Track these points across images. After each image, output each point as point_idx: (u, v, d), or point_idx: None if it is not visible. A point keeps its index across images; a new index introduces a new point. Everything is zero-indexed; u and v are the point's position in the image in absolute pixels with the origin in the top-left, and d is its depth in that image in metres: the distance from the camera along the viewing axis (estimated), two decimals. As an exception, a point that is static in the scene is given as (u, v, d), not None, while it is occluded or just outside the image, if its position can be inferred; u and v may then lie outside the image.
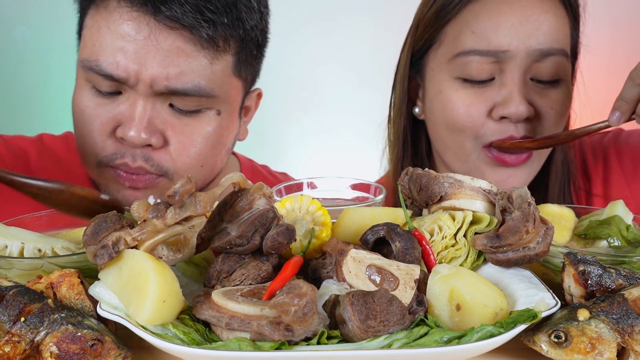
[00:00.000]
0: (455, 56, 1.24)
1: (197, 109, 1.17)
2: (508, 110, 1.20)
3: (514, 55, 1.19)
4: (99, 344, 0.63)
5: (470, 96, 1.23)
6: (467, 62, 1.22)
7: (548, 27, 1.20)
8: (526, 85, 1.22)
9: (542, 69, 1.21)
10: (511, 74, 1.20)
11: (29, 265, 0.78)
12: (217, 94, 1.18)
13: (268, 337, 0.63)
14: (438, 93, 1.28)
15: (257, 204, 0.74)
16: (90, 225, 0.71)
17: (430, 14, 1.29)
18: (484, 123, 1.24)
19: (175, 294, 0.67)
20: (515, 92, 1.20)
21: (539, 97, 1.23)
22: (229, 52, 1.18)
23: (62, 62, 2.62)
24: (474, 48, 1.21)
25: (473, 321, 0.67)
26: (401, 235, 0.76)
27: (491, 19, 1.21)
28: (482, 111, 1.23)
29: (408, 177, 0.87)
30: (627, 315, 0.66)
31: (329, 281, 0.72)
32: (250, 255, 0.74)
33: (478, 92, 1.23)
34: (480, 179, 0.85)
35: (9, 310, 0.64)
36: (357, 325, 0.64)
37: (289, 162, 2.89)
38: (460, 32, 1.24)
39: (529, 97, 1.22)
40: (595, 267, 0.71)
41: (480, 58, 1.21)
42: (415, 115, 1.39)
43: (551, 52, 1.21)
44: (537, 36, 1.19)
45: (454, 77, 1.25)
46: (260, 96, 1.40)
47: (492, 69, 1.21)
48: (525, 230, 0.74)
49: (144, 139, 1.13)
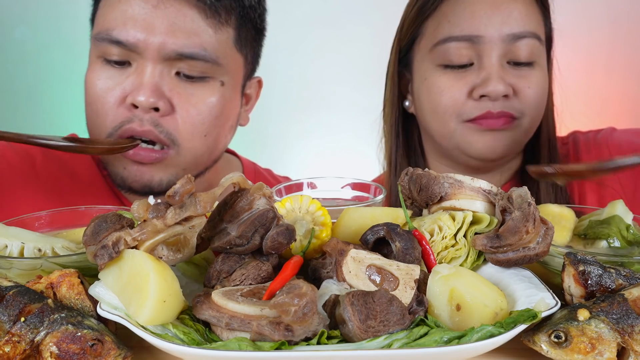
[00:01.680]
0: (435, 45, 1.33)
1: (203, 75, 1.23)
2: (487, 89, 1.28)
3: (488, 40, 1.29)
4: (99, 344, 0.63)
5: (452, 79, 1.33)
6: (446, 49, 1.32)
7: (518, 13, 1.30)
8: (503, 68, 1.31)
9: (516, 51, 1.30)
10: (488, 58, 1.30)
11: (29, 265, 0.78)
12: (222, 62, 1.25)
13: (268, 337, 0.63)
14: (423, 81, 1.38)
15: (257, 204, 0.74)
16: (90, 226, 0.71)
17: (413, 12, 1.39)
18: (465, 102, 1.32)
19: (176, 294, 0.67)
20: (493, 73, 1.29)
21: (516, 78, 1.31)
22: (230, 25, 1.26)
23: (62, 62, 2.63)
24: (450, 35, 1.31)
25: (473, 321, 0.67)
26: (401, 235, 0.76)
27: (466, 9, 1.31)
28: (463, 92, 1.32)
29: (408, 178, 0.87)
30: (627, 315, 0.66)
31: (329, 281, 0.72)
32: (250, 255, 0.74)
33: (459, 76, 1.32)
34: (480, 180, 0.85)
35: (9, 310, 0.64)
36: (357, 325, 0.64)
37: (289, 162, 2.90)
38: (439, 23, 1.34)
39: (506, 78, 1.30)
40: (595, 267, 0.71)
41: (457, 44, 1.30)
42: (406, 109, 1.47)
43: (524, 34, 1.30)
44: (509, 22, 1.29)
45: (437, 64, 1.34)
46: (261, 84, 1.45)
47: (470, 54, 1.31)
48: (525, 231, 0.74)
49: (152, 102, 1.19)
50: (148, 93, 1.18)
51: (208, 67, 1.23)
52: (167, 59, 1.20)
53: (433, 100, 1.35)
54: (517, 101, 1.32)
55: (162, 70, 1.20)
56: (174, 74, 1.22)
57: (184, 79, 1.22)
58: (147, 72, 1.19)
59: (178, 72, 1.22)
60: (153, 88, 1.19)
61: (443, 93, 1.33)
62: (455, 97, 1.32)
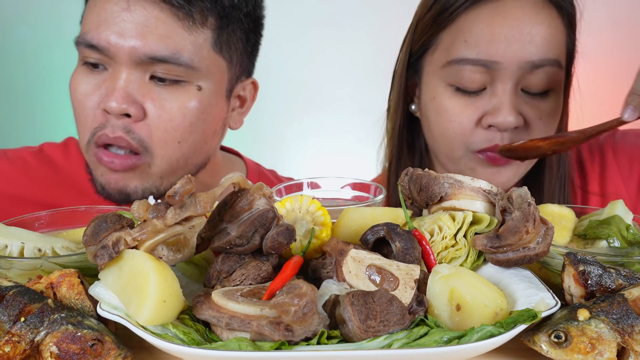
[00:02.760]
0: (448, 63, 1.25)
1: (177, 79, 1.20)
2: (497, 120, 1.22)
3: (505, 67, 1.21)
4: (99, 344, 0.63)
5: (462, 105, 1.26)
6: (459, 70, 1.24)
7: (541, 38, 1.21)
8: (517, 96, 1.23)
9: (533, 80, 1.23)
10: (502, 84, 1.22)
11: (29, 265, 0.78)
12: (197, 66, 1.21)
13: (268, 337, 0.63)
14: (432, 99, 1.31)
15: (257, 204, 0.74)
16: (90, 226, 0.71)
17: (428, 18, 1.31)
18: (473, 130, 1.26)
19: (176, 294, 0.67)
20: (505, 102, 1.22)
21: (528, 108, 1.25)
22: (208, 27, 1.22)
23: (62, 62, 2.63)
24: (465, 57, 1.23)
25: (473, 321, 0.67)
26: (401, 235, 0.76)
27: (484, 30, 1.22)
28: (472, 119, 1.25)
29: (408, 178, 0.87)
30: (627, 315, 0.66)
31: (329, 281, 0.72)
32: (250, 255, 0.74)
33: (469, 101, 1.25)
34: (480, 180, 0.85)
35: (9, 310, 0.64)
36: (357, 325, 0.64)
37: (289, 162, 2.90)
38: (455, 39, 1.25)
39: (519, 107, 1.24)
40: (595, 267, 0.71)
41: (472, 67, 1.22)
42: (412, 112, 1.41)
43: (543, 63, 1.21)
44: (530, 48, 1.20)
45: (447, 83, 1.27)
46: (256, 87, 1.40)
47: (484, 78, 1.23)
48: (525, 231, 0.74)
49: (123, 109, 1.17)
50: (119, 99, 1.16)
51: (182, 71, 1.19)
52: (140, 64, 1.17)
53: (441, 125, 1.29)
54: (526, 134, 1.26)
55: (136, 75, 1.18)
56: (148, 79, 1.19)
57: (158, 83, 1.20)
58: (120, 77, 1.17)
59: (153, 77, 1.19)
60: (124, 94, 1.17)
61: (452, 119, 1.27)
62: (464, 124, 1.26)
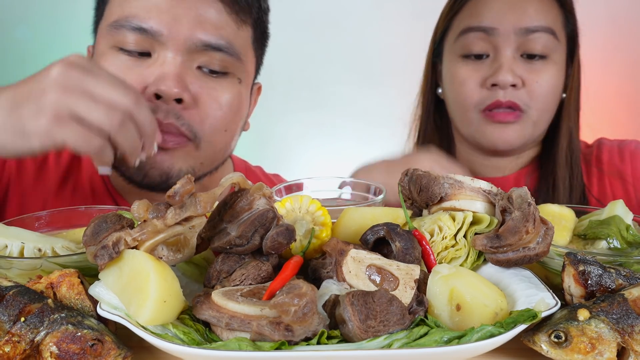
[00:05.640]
0: (458, 36, 1.47)
1: (224, 70, 1.21)
2: (497, 78, 1.41)
3: (502, 32, 1.41)
4: (99, 344, 0.63)
5: (470, 70, 1.46)
6: (466, 39, 1.45)
7: (533, 10, 1.41)
8: (515, 60, 1.42)
9: (529, 44, 1.41)
10: (502, 50, 1.42)
11: (29, 265, 0.78)
12: (242, 59, 1.24)
13: (268, 337, 0.63)
14: (448, 70, 1.52)
15: (257, 204, 0.74)
16: (90, 226, 0.71)
17: (446, 8, 1.54)
18: (480, 92, 1.44)
19: (176, 294, 0.67)
20: (504, 63, 1.40)
21: (526, 71, 1.42)
22: (249, 24, 1.26)
23: (62, 62, 2.61)
24: (469, 25, 1.45)
25: (473, 321, 0.67)
26: (401, 235, 0.76)
27: (486, 4, 1.45)
28: (477, 82, 1.45)
29: (408, 178, 0.87)
30: (627, 315, 0.66)
31: (329, 281, 0.72)
32: (250, 255, 0.74)
33: (476, 67, 1.45)
34: (480, 180, 0.85)
35: (9, 310, 0.64)
36: (357, 325, 0.64)
37: (289, 162, 2.90)
38: (464, 18, 1.48)
39: (517, 69, 1.41)
40: (595, 267, 0.71)
41: (474, 34, 1.44)
42: (439, 96, 1.60)
43: (537, 28, 1.40)
44: (524, 18, 1.40)
45: (459, 54, 1.47)
46: (260, 91, 1.44)
47: (487, 46, 1.43)
48: (525, 231, 0.74)
49: (177, 93, 1.15)
50: (173, 83, 1.14)
51: (230, 62, 1.21)
52: (191, 51, 1.17)
53: (455, 90, 1.48)
54: (524, 94, 1.42)
55: (184, 63, 1.17)
56: (195, 68, 1.19)
57: (206, 72, 1.20)
58: (170, 63, 1.15)
59: (199, 67, 1.19)
60: (177, 79, 1.15)
61: (463, 83, 1.46)
62: (472, 87, 1.44)
